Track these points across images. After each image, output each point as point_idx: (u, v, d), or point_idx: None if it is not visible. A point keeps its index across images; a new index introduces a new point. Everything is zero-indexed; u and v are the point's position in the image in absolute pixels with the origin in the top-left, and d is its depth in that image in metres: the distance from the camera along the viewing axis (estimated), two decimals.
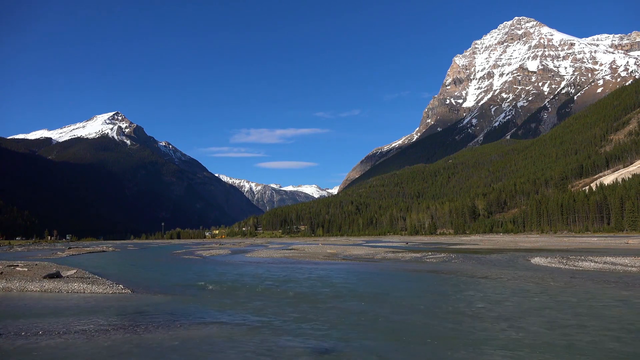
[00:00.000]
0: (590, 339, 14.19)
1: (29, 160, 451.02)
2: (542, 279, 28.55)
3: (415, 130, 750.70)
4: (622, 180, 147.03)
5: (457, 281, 29.15)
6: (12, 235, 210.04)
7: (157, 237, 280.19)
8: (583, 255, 45.25)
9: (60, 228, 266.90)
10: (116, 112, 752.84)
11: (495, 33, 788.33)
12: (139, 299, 23.68)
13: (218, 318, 18.18)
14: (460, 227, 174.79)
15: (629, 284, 25.58)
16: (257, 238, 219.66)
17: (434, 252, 61.04)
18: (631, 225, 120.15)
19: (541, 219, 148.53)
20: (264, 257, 58.45)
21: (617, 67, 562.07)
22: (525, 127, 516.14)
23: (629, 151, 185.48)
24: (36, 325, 16.51)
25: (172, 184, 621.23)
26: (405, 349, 13.61)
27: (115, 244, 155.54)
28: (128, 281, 31.18)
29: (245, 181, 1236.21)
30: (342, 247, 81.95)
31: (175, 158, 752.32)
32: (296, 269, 40.00)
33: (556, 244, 75.48)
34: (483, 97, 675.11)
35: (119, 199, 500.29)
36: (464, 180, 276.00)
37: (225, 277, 34.07)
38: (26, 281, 28.26)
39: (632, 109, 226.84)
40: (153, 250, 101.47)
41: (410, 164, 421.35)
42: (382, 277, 33.72)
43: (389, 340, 14.63)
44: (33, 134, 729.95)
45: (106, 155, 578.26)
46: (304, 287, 27.11)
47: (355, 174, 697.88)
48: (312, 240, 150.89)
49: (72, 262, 50.60)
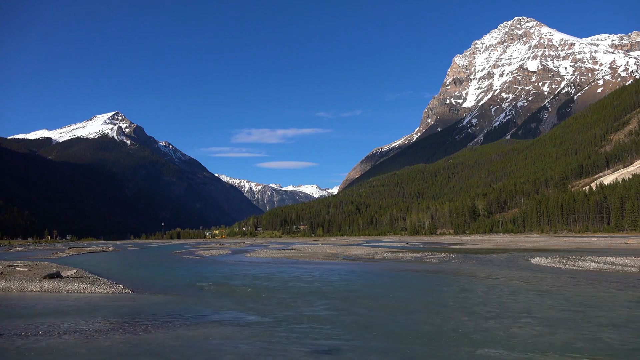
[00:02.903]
0: (590, 338, 14.19)
1: (29, 160, 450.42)
2: (542, 279, 28.56)
3: (415, 130, 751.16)
4: (622, 180, 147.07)
5: (457, 281, 29.15)
6: (12, 235, 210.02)
7: (157, 237, 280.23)
8: (583, 255, 45.25)
9: (60, 228, 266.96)
10: (116, 112, 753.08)
11: (495, 33, 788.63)
12: (139, 299, 23.68)
13: (218, 318, 18.17)
14: (460, 227, 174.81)
15: (629, 284, 25.59)
16: (257, 238, 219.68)
17: (434, 252, 61.05)
18: (631, 225, 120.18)
19: (541, 219, 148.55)
20: (264, 257, 58.45)
21: (617, 67, 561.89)
22: (525, 127, 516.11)
23: (629, 151, 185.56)
24: (36, 325, 16.50)
25: (172, 184, 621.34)
26: (405, 349, 13.60)
27: (115, 244, 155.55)
28: (128, 281, 31.19)
29: (246, 181, 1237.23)
30: (342, 247, 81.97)
31: (175, 158, 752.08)
32: (296, 269, 40.00)
33: (556, 244, 75.49)
34: (483, 97, 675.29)
35: (119, 199, 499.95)
36: (464, 180, 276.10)
37: (225, 277, 34.07)
38: (26, 281, 28.26)
39: (632, 109, 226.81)
40: (153, 250, 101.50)
41: (410, 164, 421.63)
42: (382, 277, 33.72)
43: (389, 340, 14.63)
44: (33, 134, 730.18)
45: (106, 155, 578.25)
46: (304, 287, 27.11)
47: (355, 174, 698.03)
48: (312, 240, 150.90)
49: (72, 262, 50.60)
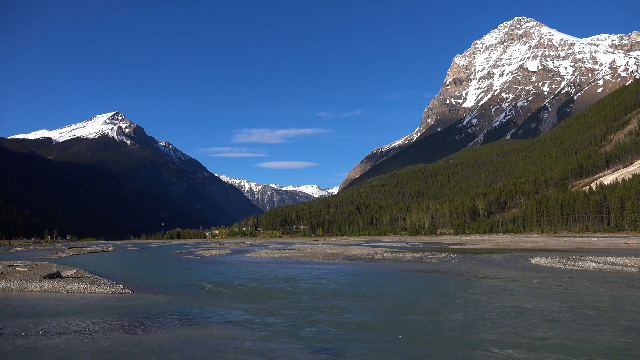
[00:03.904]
0: (590, 338, 14.19)
1: (29, 160, 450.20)
2: (542, 279, 28.56)
3: (415, 130, 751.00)
4: (622, 180, 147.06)
5: (458, 281, 29.16)
6: (12, 235, 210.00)
7: (157, 237, 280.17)
8: (583, 255, 45.25)
9: (60, 228, 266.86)
10: (116, 112, 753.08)
11: (495, 33, 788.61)
12: (139, 299, 23.69)
13: (218, 318, 18.18)
14: (460, 227, 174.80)
15: (630, 284, 25.59)
16: (257, 238, 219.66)
17: (434, 252, 61.04)
18: (631, 225, 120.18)
19: (541, 219, 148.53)
20: (264, 257, 58.45)
21: (617, 67, 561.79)
22: (525, 127, 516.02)
23: (629, 151, 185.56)
24: (36, 325, 16.50)
25: (172, 184, 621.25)
26: (405, 348, 13.60)
27: (115, 244, 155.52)
28: (128, 281, 31.19)
29: (246, 181, 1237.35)
30: (342, 247, 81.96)
31: (175, 158, 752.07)
32: (296, 269, 40.01)
33: (556, 244, 75.49)
34: (483, 97, 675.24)
35: (119, 199, 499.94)
36: (464, 180, 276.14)
37: (225, 277, 34.08)
38: (26, 281, 28.27)
39: (632, 109, 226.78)
40: (153, 250, 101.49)
41: (410, 164, 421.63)
42: (382, 277, 33.71)
43: (389, 340, 14.63)
44: (33, 134, 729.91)
45: (106, 155, 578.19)
46: (304, 287, 27.11)
47: (355, 174, 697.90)
48: (312, 240, 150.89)
49: (72, 262, 50.61)
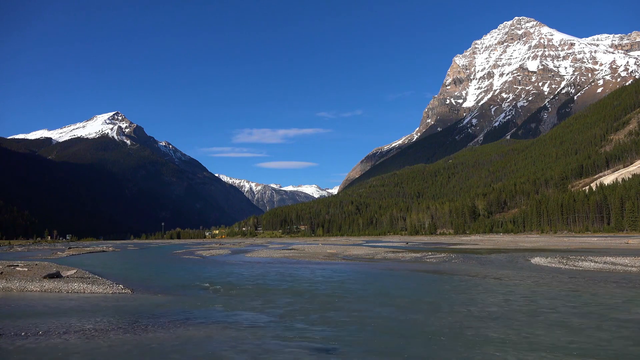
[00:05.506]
0: (590, 338, 14.19)
1: (29, 160, 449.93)
2: (542, 279, 28.56)
3: (415, 130, 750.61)
4: (622, 180, 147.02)
5: (457, 281, 29.16)
6: (12, 235, 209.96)
7: (157, 237, 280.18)
8: (583, 255, 45.25)
9: (60, 228, 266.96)
10: (116, 112, 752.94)
11: (495, 33, 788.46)
12: (139, 299, 23.68)
13: (218, 318, 18.18)
14: (460, 227, 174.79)
15: (629, 284, 25.58)
16: (257, 238, 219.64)
17: (434, 252, 61.05)
18: (631, 225, 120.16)
19: (541, 219, 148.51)
20: (264, 257, 58.45)
21: (617, 67, 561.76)
22: (525, 127, 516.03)
23: (629, 151, 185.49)
24: (36, 325, 16.49)
25: (172, 184, 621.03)
26: (405, 348, 13.60)
27: (115, 244, 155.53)
28: (128, 281, 31.19)
29: (246, 181, 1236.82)
30: (342, 247, 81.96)
31: (175, 158, 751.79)
32: (296, 269, 40.01)
33: (556, 244, 75.47)
34: (483, 97, 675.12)
35: (119, 199, 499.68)
36: (464, 180, 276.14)
37: (225, 277, 34.08)
38: (26, 281, 28.26)
39: (632, 109, 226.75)
40: (153, 250, 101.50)
41: (410, 164, 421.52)
42: (383, 277, 33.71)
43: (389, 340, 14.63)
44: (33, 134, 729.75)
45: (106, 155, 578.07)
46: (304, 287, 27.11)
47: (355, 174, 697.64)
48: (312, 240, 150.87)
49: (72, 262, 50.61)
